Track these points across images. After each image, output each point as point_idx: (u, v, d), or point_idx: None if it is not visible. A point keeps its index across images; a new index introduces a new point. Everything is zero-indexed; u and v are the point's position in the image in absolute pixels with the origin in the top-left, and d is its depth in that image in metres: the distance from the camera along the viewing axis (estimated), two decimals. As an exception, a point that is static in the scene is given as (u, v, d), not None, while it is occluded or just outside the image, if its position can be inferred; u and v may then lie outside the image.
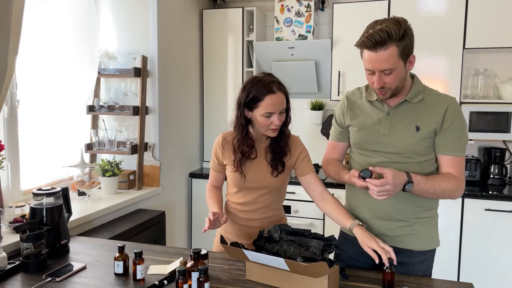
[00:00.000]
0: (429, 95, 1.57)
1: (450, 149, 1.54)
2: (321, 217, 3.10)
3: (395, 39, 1.40)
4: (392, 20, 1.43)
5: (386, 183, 1.41)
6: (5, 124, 2.17)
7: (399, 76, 1.47)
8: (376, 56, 1.43)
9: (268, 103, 1.60)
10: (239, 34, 3.43)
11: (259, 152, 1.73)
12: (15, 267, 1.59)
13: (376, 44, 1.41)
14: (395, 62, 1.43)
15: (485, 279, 2.79)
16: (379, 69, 1.45)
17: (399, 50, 1.41)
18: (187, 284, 1.34)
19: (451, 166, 1.54)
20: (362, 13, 3.08)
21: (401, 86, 1.52)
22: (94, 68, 2.70)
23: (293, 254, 1.47)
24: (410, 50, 1.45)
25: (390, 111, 1.57)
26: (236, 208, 1.81)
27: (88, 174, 2.68)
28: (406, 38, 1.42)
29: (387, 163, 1.57)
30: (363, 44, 1.45)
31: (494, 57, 3.14)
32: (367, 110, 1.63)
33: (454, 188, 1.52)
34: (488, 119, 2.94)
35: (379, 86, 1.48)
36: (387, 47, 1.40)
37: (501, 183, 3.06)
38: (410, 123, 1.55)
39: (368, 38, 1.42)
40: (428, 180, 1.49)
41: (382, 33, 1.39)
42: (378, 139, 1.58)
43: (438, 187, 1.50)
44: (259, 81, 1.63)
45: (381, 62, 1.43)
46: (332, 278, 1.34)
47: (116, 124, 2.89)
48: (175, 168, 3.21)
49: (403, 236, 1.60)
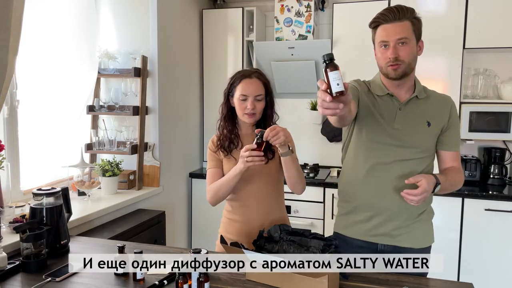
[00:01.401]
0: (430, 93, 1.67)
1: (454, 145, 1.65)
2: (321, 217, 3.10)
3: (409, 16, 1.52)
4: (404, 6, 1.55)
5: (424, 191, 1.46)
6: (5, 124, 2.17)
7: (412, 50, 1.53)
8: (392, 26, 1.52)
9: (243, 86, 1.72)
10: (239, 34, 3.43)
11: (245, 143, 1.75)
12: (15, 267, 1.59)
13: (392, 17, 1.51)
14: (409, 34, 1.52)
15: (485, 279, 2.79)
16: (395, 38, 1.51)
17: (412, 26, 1.52)
18: (187, 284, 1.34)
19: (454, 161, 1.65)
20: (362, 13, 3.07)
21: (412, 66, 1.57)
22: (94, 68, 2.70)
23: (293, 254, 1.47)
24: (421, 33, 1.56)
25: (402, 106, 1.60)
26: (236, 207, 1.82)
27: (88, 174, 2.68)
28: (416, 20, 1.54)
29: (399, 161, 1.58)
30: (379, 19, 1.54)
31: (494, 57, 3.14)
32: (380, 104, 1.63)
33: (461, 180, 1.65)
34: (488, 119, 2.94)
35: (393, 55, 1.52)
36: (402, 20, 1.51)
37: (501, 183, 3.06)
38: (421, 119, 1.61)
39: (384, 13, 1.53)
40: (447, 177, 1.57)
41: (399, 8, 1.52)
42: (391, 132, 1.60)
43: (453, 182, 1.61)
44: (241, 70, 1.81)
45: (397, 32, 1.51)
46: (332, 278, 1.34)
47: (116, 124, 2.89)
48: (175, 168, 3.21)
49: (404, 235, 1.60)
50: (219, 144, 1.82)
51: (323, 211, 3.08)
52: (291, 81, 3.43)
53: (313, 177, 3.17)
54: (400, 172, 1.58)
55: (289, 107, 3.51)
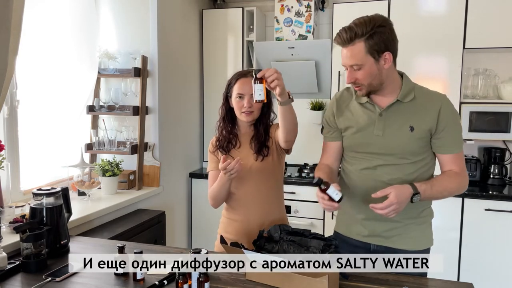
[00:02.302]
0: (420, 94, 1.58)
1: (450, 148, 1.56)
2: (321, 217, 3.10)
3: (361, 36, 1.44)
4: (367, 17, 1.48)
5: (391, 203, 1.41)
6: (5, 124, 2.17)
7: (369, 72, 1.48)
8: (344, 51, 1.50)
9: (239, 85, 1.73)
10: (239, 34, 3.43)
11: (243, 143, 1.81)
12: (15, 267, 1.59)
13: (344, 41, 1.47)
14: (362, 58, 1.46)
15: (485, 279, 2.79)
16: (348, 64, 1.50)
17: (366, 47, 1.45)
18: (187, 284, 1.34)
19: (453, 163, 1.57)
20: (362, 13, 3.03)
21: (377, 83, 1.51)
22: (94, 68, 2.70)
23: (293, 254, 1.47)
24: (382, 48, 1.47)
25: (383, 112, 1.56)
26: (235, 206, 1.83)
27: (88, 174, 2.68)
28: (375, 36, 1.45)
29: (383, 166, 1.57)
30: (334, 40, 1.52)
31: (494, 57, 3.14)
32: (359, 112, 1.62)
33: (457, 186, 1.55)
34: (488, 119, 2.94)
35: (349, 81, 1.52)
36: (353, 43, 1.46)
37: (501, 183, 3.06)
38: (404, 124, 1.55)
39: (338, 34, 1.49)
40: (433, 185, 1.51)
41: (350, 31, 1.46)
42: (373, 140, 1.58)
43: (443, 189, 1.53)
44: (238, 71, 1.83)
45: (348, 57, 1.48)
46: (332, 278, 1.34)
47: (116, 124, 2.89)
48: (175, 168, 3.21)
49: (397, 237, 1.59)
50: (217, 145, 1.83)
51: (323, 211, 3.08)
52: (291, 81, 3.41)
53: (313, 176, 3.16)
54: (388, 177, 1.57)
55: (289, 107, 3.51)
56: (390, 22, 1.51)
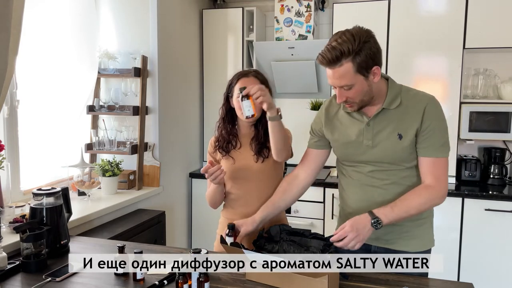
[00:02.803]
0: (406, 98, 1.52)
1: (430, 150, 1.49)
2: (321, 217, 3.10)
3: (348, 55, 1.36)
4: (349, 33, 1.39)
5: (345, 233, 1.42)
6: (5, 124, 2.17)
7: (360, 90, 1.43)
8: (331, 72, 1.42)
9: (241, 85, 1.71)
10: (239, 34, 3.43)
11: (244, 143, 1.81)
12: (15, 267, 1.59)
13: (329, 61, 1.39)
14: (351, 78, 1.40)
15: (485, 279, 2.79)
16: (337, 85, 1.44)
17: (354, 66, 1.38)
18: (187, 284, 1.34)
19: (429, 172, 1.49)
20: (362, 13, 3.08)
21: (368, 98, 1.48)
22: (94, 68, 2.70)
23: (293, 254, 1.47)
24: (370, 63, 1.40)
25: (370, 121, 1.53)
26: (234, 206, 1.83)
27: (88, 174, 2.68)
28: (362, 52, 1.37)
29: (377, 171, 1.56)
30: (319, 61, 1.42)
31: (494, 57, 3.14)
32: (347, 122, 1.60)
33: (425, 200, 1.47)
34: (488, 119, 2.94)
35: (341, 101, 1.47)
36: (341, 64, 1.38)
37: (501, 183, 3.06)
38: (392, 132, 1.51)
39: (322, 55, 1.40)
40: (395, 206, 1.46)
41: (334, 50, 1.37)
42: (363, 151, 1.56)
43: (408, 207, 1.46)
44: (239, 71, 1.81)
45: (337, 78, 1.41)
46: (332, 278, 1.34)
47: (116, 124, 2.89)
48: (175, 168, 3.21)
49: (398, 239, 1.58)
50: (217, 145, 1.83)
51: (323, 211, 3.08)
52: (291, 81, 3.43)
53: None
54: (382, 182, 1.56)
55: (289, 107, 3.51)
56: (372, 34, 1.43)
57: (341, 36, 1.38)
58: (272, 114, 1.59)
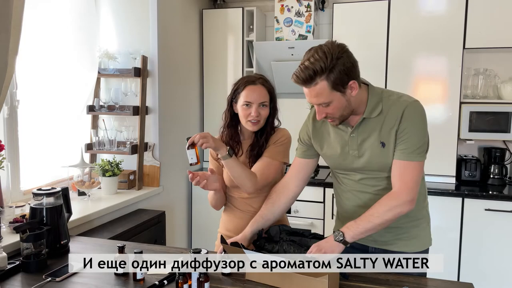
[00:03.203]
0: (387, 104, 1.49)
1: (403, 154, 1.45)
2: (321, 217, 3.11)
3: (322, 74, 1.35)
4: (321, 51, 1.37)
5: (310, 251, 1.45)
6: (5, 124, 2.17)
7: (338, 106, 1.42)
8: (308, 91, 1.42)
9: (247, 93, 1.68)
10: (239, 34, 3.43)
11: (245, 150, 1.79)
12: (15, 267, 1.59)
13: (304, 81, 1.39)
14: (328, 96, 1.39)
15: (485, 279, 2.79)
16: (315, 103, 1.44)
17: (329, 84, 1.37)
18: (187, 284, 1.34)
19: (398, 174, 1.46)
20: (362, 13, 3.08)
21: (348, 112, 1.46)
22: (94, 68, 2.70)
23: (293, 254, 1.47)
24: (345, 79, 1.38)
25: (353, 131, 1.53)
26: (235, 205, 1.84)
27: (88, 174, 2.68)
28: (336, 69, 1.35)
29: (368, 178, 1.56)
30: (294, 81, 1.41)
31: (494, 57, 3.14)
32: (333, 132, 1.60)
33: (390, 207, 1.42)
34: (488, 119, 2.94)
35: (321, 118, 1.47)
36: (316, 83, 1.37)
37: (501, 183, 3.06)
38: (375, 141, 1.50)
39: (296, 75, 1.40)
40: (358, 218, 1.45)
41: (307, 70, 1.36)
42: (351, 160, 1.56)
43: (373, 217, 1.43)
44: (245, 77, 1.76)
45: (314, 97, 1.41)
46: (332, 277, 1.34)
47: (116, 124, 2.89)
48: (175, 168, 3.21)
49: (394, 240, 1.58)
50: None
51: (323, 211, 3.09)
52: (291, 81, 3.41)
53: (313, 177, 3.17)
54: (374, 188, 1.56)
55: (289, 107, 3.50)
56: (346, 49, 1.40)
57: (314, 54, 1.37)
58: (222, 154, 1.64)
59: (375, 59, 3.07)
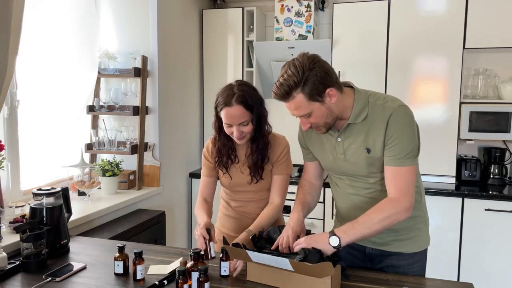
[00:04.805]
0: (373, 109, 1.48)
1: (393, 160, 1.45)
2: (321, 217, 3.10)
3: (296, 88, 1.38)
4: (293, 66, 1.39)
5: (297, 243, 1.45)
6: (5, 124, 2.17)
7: (320, 115, 1.43)
8: (288, 106, 1.44)
9: (225, 115, 1.64)
10: (239, 34, 3.43)
11: (240, 157, 1.78)
12: (15, 267, 1.59)
13: (282, 97, 1.42)
14: (307, 107, 1.41)
15: (485, 279, 2.79)
16: (297, 116, 1.46)
17: (306, 96, 1.39)
18: (187, 284, 1.34)
19: (392, 181, 1.45)
20: (362, 13, 3.08)
21: (332, 120, 1.47)
22: (94, 68, 2.70)
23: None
24: (321, 88, 1.38)
25: (339, 136, 1.53)
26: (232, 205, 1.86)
27: (88, 174, 2.68)
28: (309, 81, 1.36)
29: (358, 182, 1.57)
30: (274, 97, 1.44)
31: (494, 57, 3.15)
32: (323, 137, 1.60)
33: (388, 214, 1.41)
34: (488, 119, 2.94)
35: (306, 128, 1.49)
36: (293, 97, 1.40)
37: (501, 183, 3.06)
38: (360, 146, 1.50)
39: (274, 92, 1.43)
40: (356, 222, 1.42)
41: (282, 87, 1.39)
42: (340, 164, 1.57)
43: (371, 223, 1.41)
44: (225, 91, 1.66)
45: (295, 110, 1.43)
46: (334, 278, 1.34)
47: (116, 124, 2.89)
48: (175, 168, 3.21)
49: (392, 241, 1.58)
50: (217, 161, 1.79)
51: (323, 211, 3.08)
52: (291, 81, 3.42)
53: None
54: (366, 191, 1.56)
55: (289, 107, 3.51)
56: (317, 59, 1.40)
57: (287, 70, 1.40)
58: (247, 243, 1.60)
59: (375, 59, 3.07)
